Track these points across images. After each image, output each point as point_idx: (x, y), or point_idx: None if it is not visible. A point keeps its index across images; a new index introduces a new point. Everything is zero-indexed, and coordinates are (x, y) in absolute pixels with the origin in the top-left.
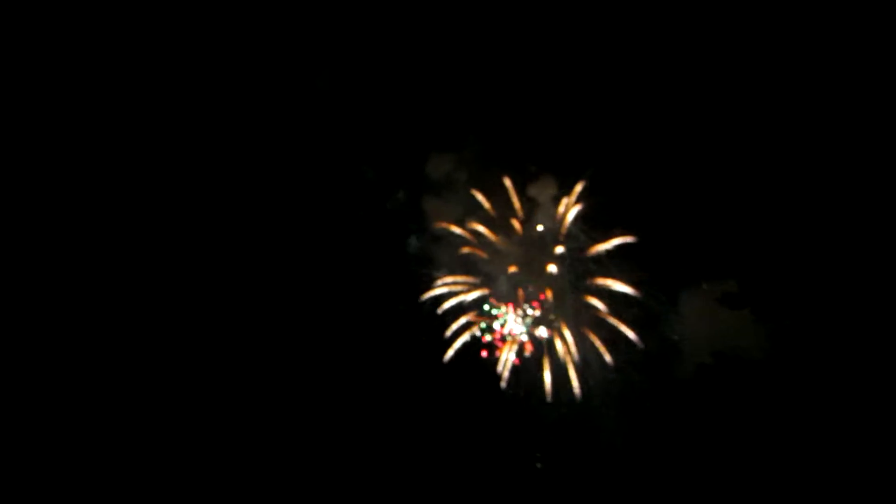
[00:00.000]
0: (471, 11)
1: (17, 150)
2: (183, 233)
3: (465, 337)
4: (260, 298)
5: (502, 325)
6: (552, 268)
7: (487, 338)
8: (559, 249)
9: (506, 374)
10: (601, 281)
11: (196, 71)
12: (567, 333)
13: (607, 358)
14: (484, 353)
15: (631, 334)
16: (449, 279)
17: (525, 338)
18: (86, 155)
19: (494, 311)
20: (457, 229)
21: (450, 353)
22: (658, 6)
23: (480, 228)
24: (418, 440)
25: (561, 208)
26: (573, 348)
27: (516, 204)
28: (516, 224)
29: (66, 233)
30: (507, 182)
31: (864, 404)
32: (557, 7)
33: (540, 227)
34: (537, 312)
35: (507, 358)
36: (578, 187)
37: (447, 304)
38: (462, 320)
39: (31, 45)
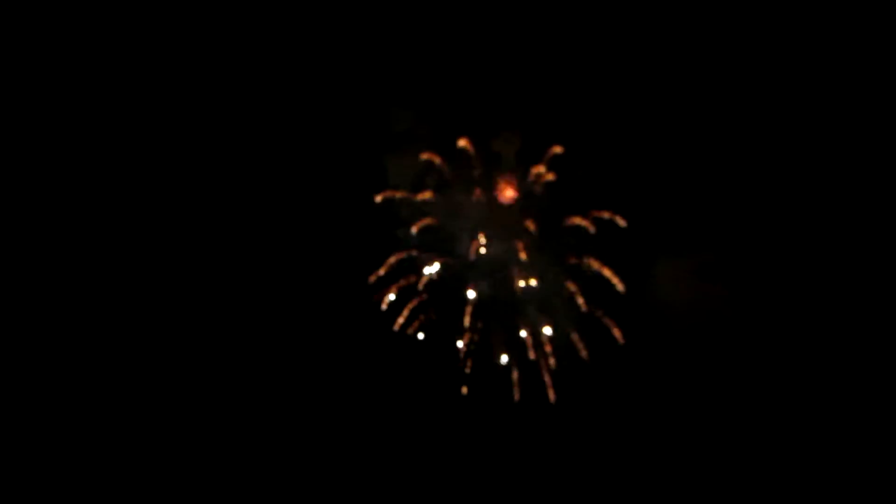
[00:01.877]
0: None
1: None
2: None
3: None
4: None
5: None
6: (520, 243)
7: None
8: (528, 224)
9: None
10: (581, 261)
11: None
12: (539, 323)
13: (583, 354)
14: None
15: (616, 333)
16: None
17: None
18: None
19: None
20: (403, 195)
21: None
22: None
23: (431, 196)
24: None
25: (531, 176)
26: (547, 346)
27: (476, 165)
28: (477, 191)
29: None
30: (465, 142)
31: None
32: None
33: (507, 194)
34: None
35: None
36: (552, 152)
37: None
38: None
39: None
